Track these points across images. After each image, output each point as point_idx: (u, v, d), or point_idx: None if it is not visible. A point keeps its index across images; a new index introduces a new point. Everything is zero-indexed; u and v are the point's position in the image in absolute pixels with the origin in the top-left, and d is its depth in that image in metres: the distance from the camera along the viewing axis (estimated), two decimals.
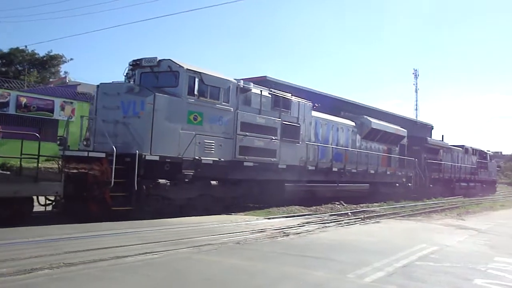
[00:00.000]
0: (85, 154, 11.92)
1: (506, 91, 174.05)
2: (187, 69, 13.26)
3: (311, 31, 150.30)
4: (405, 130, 27.50)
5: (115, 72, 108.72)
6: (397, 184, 26.19)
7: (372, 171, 23.12)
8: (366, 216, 15.90)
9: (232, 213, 14.26)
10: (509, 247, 10.51)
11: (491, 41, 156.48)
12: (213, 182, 14.08)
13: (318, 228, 12.13)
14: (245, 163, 15.14)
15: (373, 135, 23.60)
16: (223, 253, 8.07)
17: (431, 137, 42.82)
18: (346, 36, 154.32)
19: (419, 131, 34.12)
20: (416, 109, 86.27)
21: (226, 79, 14.62)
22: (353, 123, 22.57)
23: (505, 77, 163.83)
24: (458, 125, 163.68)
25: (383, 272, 6.99)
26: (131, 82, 13.70)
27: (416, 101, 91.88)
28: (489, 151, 47.95)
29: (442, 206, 22.86)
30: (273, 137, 16.29)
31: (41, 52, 50.47)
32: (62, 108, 25.46)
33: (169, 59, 13.46)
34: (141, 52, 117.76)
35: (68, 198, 11.43)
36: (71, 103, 25.99)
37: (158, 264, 6.94)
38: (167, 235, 9.49)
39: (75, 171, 11.55)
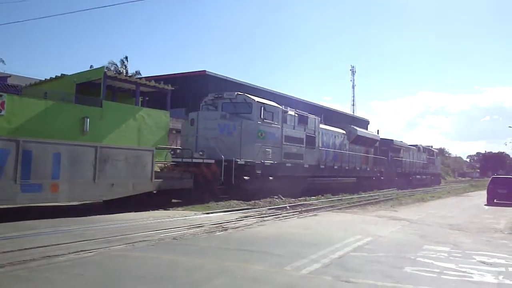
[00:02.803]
0: (201, 160, 17.07)
1: (436, 88, 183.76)
2: (257, 101, 19.43)
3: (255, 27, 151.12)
4: (378, 135, 35.35)
5: (49, 65, 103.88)
6: (374, 178, 33.13)
7: (358, 168, 29.78)
8: (304, 209, 16.17)
9: (170, 209, 14.06)
10: (437, 236, 10.97)
11: (422, 41, 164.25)
12: (270, 178, 19.54)
13: (257, 222, 12.20)
14: (287, 164, 21.01)
15: (357, 140, 30.11)
16: (159, 249, 7.91)
17: (367, 129, 45.92)
18: (287, 33, 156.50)
19: (359, 125, 37.54)
20: (353, 105, 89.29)
21: (277, 107, 20.82)
22: (344, 131, 28.89)
23: (435, 75, 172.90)
24: (393, 121, 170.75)
25: (319, 263, 7.08)
26: (211, 108, 19.85)
27: (353, 97, 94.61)
28: (435, 148, 53.38)
29: (377, 198, 23.67)
30: (301, 145, 22.49)
31: None
32: None
33: (244, 94, 19.92)
34: (74, 44, 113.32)
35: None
36: (0, 96, 24.45)
37: (91, 262, 6.70)
38: (101, 232, 9.21)
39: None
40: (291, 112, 21.84)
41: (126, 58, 34.80)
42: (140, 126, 20.42)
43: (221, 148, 17.39)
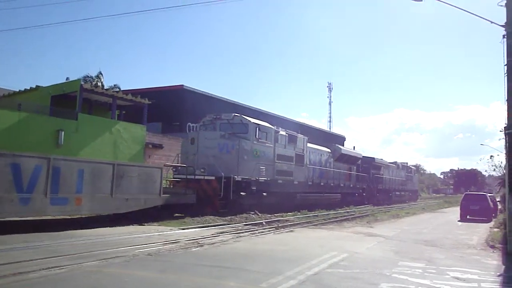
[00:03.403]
0: (202, 177, 18.28)
1: (412, 105, 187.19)
2: (253, 122, 20.81)
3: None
4: (361, 153, 36.87)
5: (22, 76, 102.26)
6: (357, 194, 34.79)
7: (342, 185, 31.42)
8: (280, 225, 16.15)
9: (145, 224, 13.87)
10: (411, 252, 11.10)
11: (398, 58, 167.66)
12: (264, 194, 20.88)
13: (233, 238, 12.14)
14: (279, 181, 22.38)
15: (341, 158, 31.67)
16: (134, 265, 7.79)
17: (343, 145, 46.69)
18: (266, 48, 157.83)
19: (335, 141, 38.43)
20: (330, 121, 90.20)
21: (270, 127, 22.32)
22: (329, 150, 30.61)
23: (410, 93, 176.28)
24: (369, 137, 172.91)
25: (295, 280, 7.07)
26: (209, 128, 20.92)
27: (330, 113, 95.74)
28: (413, 166, 54.71)
29: (353, 214, 23.80)
30: (291, 163, 23.83)
31: None
32: None
33: (241, 115, 21.24)
34: (50, 57, 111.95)
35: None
36: None
37: (64, 279, 6.56)
38: (75, 247, 9.04)
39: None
40: (282, 132, 23.26)
41: (101, 73, 34.51)
42: (116, 140, 20.11)
43: (221, 166, 18.62)
